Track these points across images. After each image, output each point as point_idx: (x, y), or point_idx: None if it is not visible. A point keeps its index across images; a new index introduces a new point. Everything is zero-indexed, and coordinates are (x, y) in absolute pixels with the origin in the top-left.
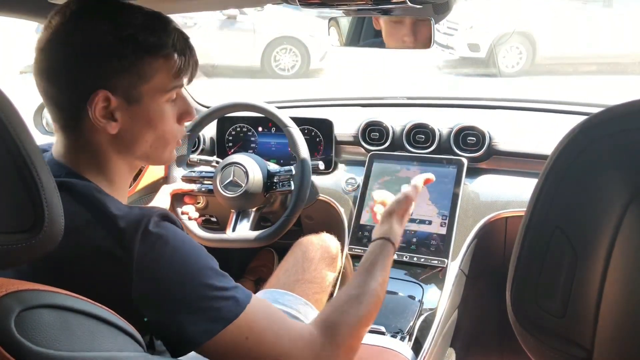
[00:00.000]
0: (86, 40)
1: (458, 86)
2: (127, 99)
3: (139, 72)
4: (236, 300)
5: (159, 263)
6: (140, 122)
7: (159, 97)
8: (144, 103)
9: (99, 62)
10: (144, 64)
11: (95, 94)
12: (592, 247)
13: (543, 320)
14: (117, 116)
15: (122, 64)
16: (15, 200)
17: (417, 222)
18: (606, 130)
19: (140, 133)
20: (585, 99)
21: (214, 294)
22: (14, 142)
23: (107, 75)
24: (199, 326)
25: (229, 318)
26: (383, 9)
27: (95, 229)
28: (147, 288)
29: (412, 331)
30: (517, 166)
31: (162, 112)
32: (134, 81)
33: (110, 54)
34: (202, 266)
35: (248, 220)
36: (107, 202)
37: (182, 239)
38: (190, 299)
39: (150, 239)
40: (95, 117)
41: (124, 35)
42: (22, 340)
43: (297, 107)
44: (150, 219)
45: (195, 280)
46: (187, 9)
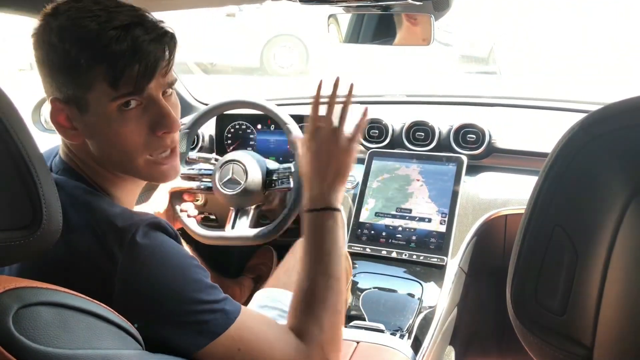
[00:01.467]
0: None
1: (457, 84)
2: (79, 108)
3: (78, 82)
4: (225, 312)
5: (142, 276)
6: (96, 130)
7: (104, 104)
8: (93, 112)
9: (49, 70)
10: (87, 74)
11: (51, 101)
12: (593, 245)
13: (543, 318)
14: (75, 125)
15: (68, 74)
16: (14, 198)
17: (417, 219)
18: (606, 127)
19: (101, 142)
20: (585, 96)
21: (200, 308)
22: (12, 140)
23: (56, 84)
24: (185, 340)
25: (217, 332)
26: (383, 5)
27: (83, 233)
28: (129, 300)
29: (412, 329)
30: (517, 164)
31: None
32: (78, 90)
33: (56, 66)
34: (189, 279)
35: (247, 217)
36: (97, 205)
37: (170, 251)
38: (175, 314)
39: (136, 250)
40: (55, 125)
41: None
42: (20, 338)
43: (296, 104)
44: (138, 228)
45: (181, 294)
46: (185, 5)
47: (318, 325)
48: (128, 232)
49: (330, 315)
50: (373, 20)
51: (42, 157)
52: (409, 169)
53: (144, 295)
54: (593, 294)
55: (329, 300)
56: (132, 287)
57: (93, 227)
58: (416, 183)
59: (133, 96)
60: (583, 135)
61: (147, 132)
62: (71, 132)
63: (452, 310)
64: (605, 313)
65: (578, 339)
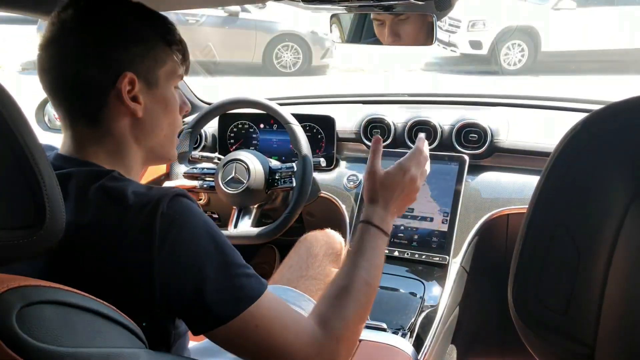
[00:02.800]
0: (107, 27)
1: (459, 84)
2: (147, 83)
3: (155, 57)
4: (258, 278)
5: (180, 241)
6: (158, 106)
7: (171, 81)
8: (161, 86)
9: (125, 46)
10: (159, 50)
11: (124, 75)
12: (595, 244)
13: (545, 317)
14: (140, 99)
15: (141, 48)
16: (17, 197)
17: (419, 219)
18: (608, 127)
19: (158, 118)
20: (587, 96)
21: (238, 271)
22: (15, 139)
23: (132, 59)
24: (226, 305)
25: (255, 295)
26: (385, 5)
27: (117, 213)
28: (171, 268)
29: (414, 328)
30: (519, 163)
31: (173, 97)
32: (152, 65)
33: (134, 39)
34: (222, 244)
35: (249, 217)
36: (126, 185)
37: (200, 216)
38: (215, 277)
39: (170, 217)
40: (125, 99)
41: (141, 23)
42: (24, 336)
43: (298, 103)
44: (168, 198)
45: (218, 257)
46: (189, 5)
47: (342, 320)
48: (160, 202)
49: (355, 316)
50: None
51: (45, 156)
52: None
53: (184, 261)
54: (595, 292)
55: (359, 302)
56: (172, 255)
57: (127, 207)
58: None
59: (182, 77)
60: (585, 135)
61: (178, 110)
62: (137, 106)
63: (454, 309)
64: (607, 312)
65: (580, 337)
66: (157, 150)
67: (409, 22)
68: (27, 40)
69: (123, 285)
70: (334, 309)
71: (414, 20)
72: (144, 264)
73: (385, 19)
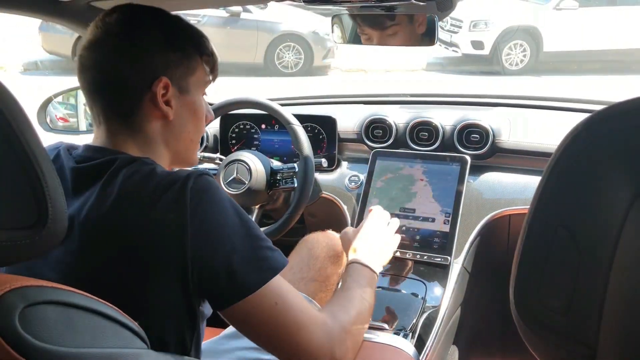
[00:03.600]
0: (147, 34)
1: (461, 84)
2: (179, 89)
3: (188, 65)
4: (280, 253)
5: (209, 214)
6: (187, 111)
7: (199, 90)
8: (191, 93)
9: (163, 52)
10: (191, 59)
11: (159, 80)
12: (596, 245)
13: (546, 318)
14: (172, 104)
15: (178, 56)
16: (19, 197)
17: (420, 219)
18: (610, 127)
19: (186, 123)
20: (589, 96)
21: (262, 244)
22: (17, 139)
23: (167, 65)
24: (252, 275)
25: (277, 267)
26: (387, 6)
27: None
28: (202, 241)
29: (415, 328)
30: (521, 163)
31: (201, 105)
32: (184, 72)
33: (172, 47)
34: (246, 218)
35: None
36: (154, 168)
37: (225, 194)
38: (242, 249)
39: (199, 192)
40: (159, 102)
41: (177, 32)
42: (26, 336)
43: (300, 104)
44: (195, 175)
45: (244, 230)
46: (190, 6)
47: (347, 314)
48: (188, 179)
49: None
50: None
51: (47, 157)
52: (413, 168)
53: (214, 232)
54: (596, 293)
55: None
56: (204, 227)
57: (155, 187)
58: (420, 183)
59: (209, 84)
60: (587, 135)
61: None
62: (168, 110)
63: (455, 309)
64: (609, 312)
65: (581, 338)
66: (182, 153)
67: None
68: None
69: (155, 258)
70: (339, 306)
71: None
72: (176, 235)
73: (372, 35)
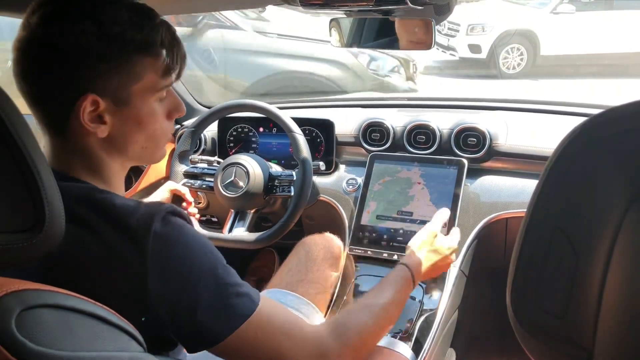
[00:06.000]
0: (70, 42)
1: (458, 88)
2: (116, 101)
3: (128, 73)
4: (250, 296)
5: (172, 262)
6: (130, 123)
7: (149, 97)
8: (133, 104)
9: (86, 65)
10: (133, 64)
11: (84, 97)
12: (593, 248)
13: (543, 321)
14: (106, 119)
15: (110, 65)
16: (16, 200)
17: (418, 222)
18: (607, 131)
19: (130, 134)
20: (586, 100)
21: (229, 291)
22: (14, 141)
23: (94, 78)
24: (217, 324)
25: (246, 314)
26: (384, 10)
27: (105, 231)
28: (163, 288)
29: (413, 331)
30: (518, 167)
31: (152, 112)
32: (123, 82)
33: (97, 56)
34: (214, 263)
35: (245, 221)
36: (112, 201)
37: (192, 235)
38: (207, 298)
39: (162, 237)
40: (85, 122)
41: (110, 35)
42: (23, 340)
43: (298, 107)
44: (160, 216)
45: (210, 278)
46: (187, 10)
47: (356, 330)
48: (152, 220)
49: (370, 331)
50: (374, 25)
51: (44, 159)
52: (410, 172)
53: (177, 280)
54: (593, 296)
55: (377, 321)
56: (165, 274)
57: (115, 224)
58: (417, 186)
59: (170, 85)
60: (584, 139)
61: (164, 119)
62: (100, 127)
63: (453, 312)
64: (606, 316)
65: (578, 341)
66: (136, 159)
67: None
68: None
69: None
70: (350, 317)
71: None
72: (136, 285)
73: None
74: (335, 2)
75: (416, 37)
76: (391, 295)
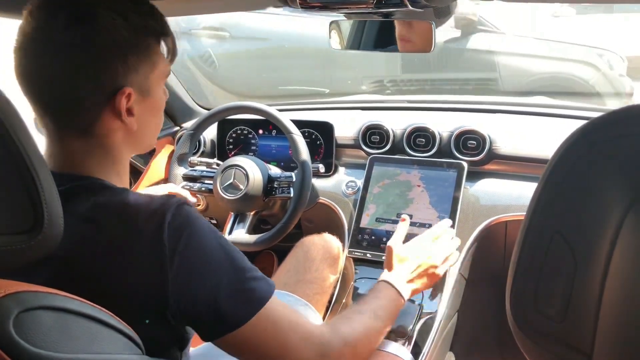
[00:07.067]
0: (104, 40)
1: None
2: (140, 92)
3: (149, 61)
4: (265, 280)
5: (190, 251)
6: (149, 112)
7: (162, 83)
8: (153, 92)
9: (122, 58)
10: (153, 52)
11: (122, 92)
12: (592, 252)
13: (542, 325)
14: (134, 111)
15: (138, 57)
16: (15, 202)
17: (417, 225)
18: (606, 135)
19: (149, 123)
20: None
21: (247, 276)
22: (13, 143)
23: (126, 72)
24: (237, 309)
25: (265, 297)
26: (384, 12)
27: (119, 228)
28: (183, 278)
29: (412, 335)
30: (518, 170)
31: (163, 98)
32: (145, 71)
33: (131, 46)
34: (229, 250)
35: (245, 223)
36: (127, 197)
37: (205, 224)
38: (227, 284)
39: (177, 228)
40: (123, 117)
41: (136, 26)
42: (21, 342)
43: (297, 109)
44: (172, 208)
45: (228, 263)
46: (188, 11)
47: (351, 328)
48: (164, 213)
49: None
50: (374, 27)
51: (43, 161)
52: (410, 174)
53: (198, 271)
54: (592, 301)
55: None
56: (184, 263)
57: (131, 219)
58: (417, 189)
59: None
60: (583, 143)
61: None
62: (132, 121)
63: (452, 316)
64: (604, 320)
65: (577, 346)
66: (142, 148)
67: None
68: None
69: (135, 299)
70: (345, 318)
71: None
72: (156, 277)
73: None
74: (334, 4)
75: (416, 40)
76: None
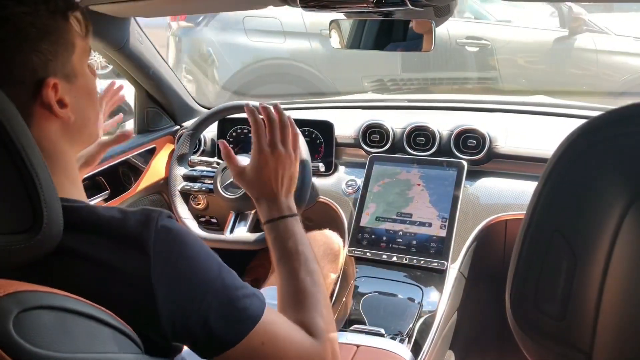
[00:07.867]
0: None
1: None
2: (67, 78)
3: (66, 43)
4: (257, 297)
5: (180, 275)
6: (84, 96)
7: (85, 62)
8: (80, 74)
9: (35, 47)
10: (65, 32)
11: (46, 84)
12: (592, 251)
13: (542, 324)
14: (66, 101)
15: (51, 42)
16: (14, 201)
17: (417, 224)
18: (606, 134)
19: (86, 110)
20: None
21: (238, 294)
22: (12, 142)
23: (43, 62)
24: (229, 329)
25: (257, 315)
26: (384, 11)
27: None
28: (172, 302)
29: (412, 333)
30: (517, 169)
31: (92, 79)
32: (66, 55)
33: (41, 32)
34: (218, 266)
35: (246, 221)
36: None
37: (193, 240)
38: (218, 304)
39: (163, 250)
40: (55, 110)
41: (37, 9)
42: (21, 342)
43: (297, 108)
44: (155, 224)
45: (219, 281)
46: (185, 11)
47: (321, 318)
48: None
49: (326, 308)
50: (374, 26)
51: (42, 162)
52: (410, 173)
53: (188, 293)
54: (592, 299)
55: (320, 295)
56: (175, 288)
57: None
58: (417, 188)
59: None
60: (583, 142)
61: None
62: (67, 112)
63: (452, 314)
64: (604, 318)
65: (577, 344)
66: (86, 141)
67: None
68: None
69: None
70: (307, 312)
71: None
72: (146, 301)
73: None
74: (335, 3)
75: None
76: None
